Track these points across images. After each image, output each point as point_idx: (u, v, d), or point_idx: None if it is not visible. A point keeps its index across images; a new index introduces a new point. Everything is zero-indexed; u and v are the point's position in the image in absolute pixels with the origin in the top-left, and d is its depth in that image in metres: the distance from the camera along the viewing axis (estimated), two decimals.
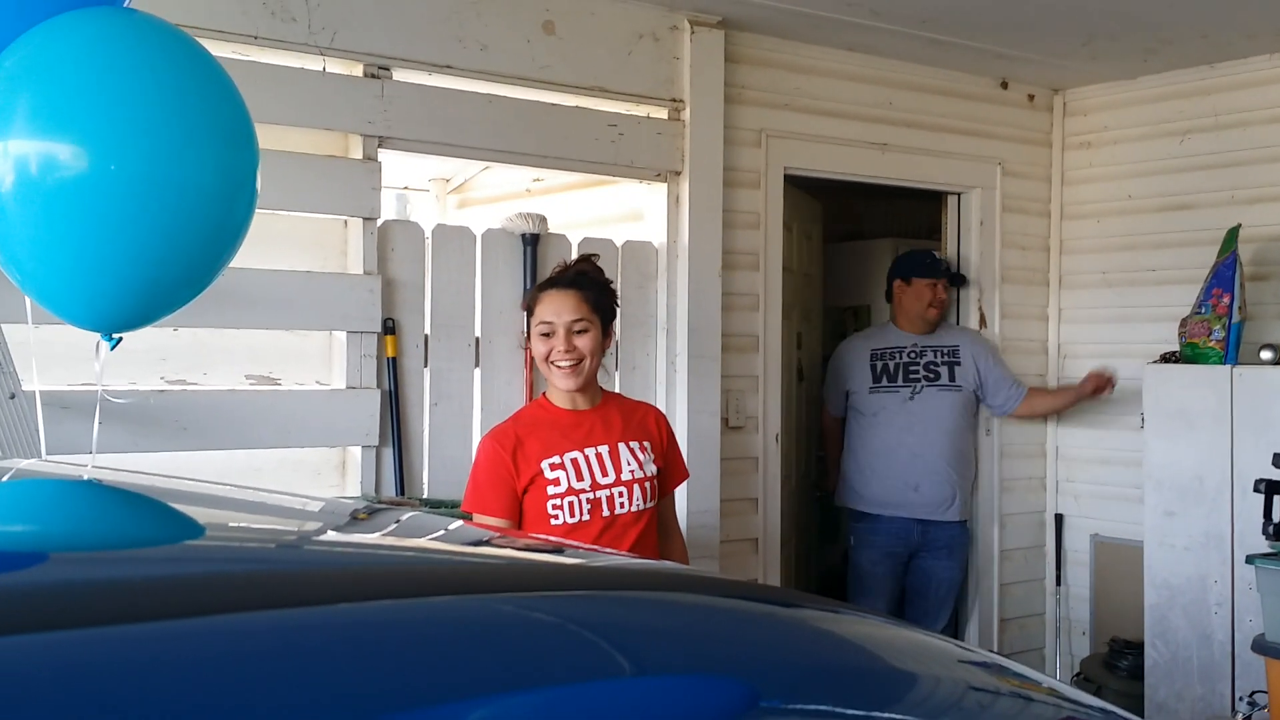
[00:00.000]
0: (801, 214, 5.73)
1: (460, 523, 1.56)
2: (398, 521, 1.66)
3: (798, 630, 1.32)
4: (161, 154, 2.16)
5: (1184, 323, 5.19)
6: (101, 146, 2.12)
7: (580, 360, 3.41)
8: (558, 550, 1.71)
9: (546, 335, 3.42)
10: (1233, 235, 5.13)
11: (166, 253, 2.22)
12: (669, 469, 3.63)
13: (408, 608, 1.02)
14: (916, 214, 6.95)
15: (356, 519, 1.60)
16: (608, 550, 3.01)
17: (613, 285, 3.64)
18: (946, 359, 5.43)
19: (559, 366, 3.42)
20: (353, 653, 0.90)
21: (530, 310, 3.51)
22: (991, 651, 1.70)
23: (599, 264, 3.66)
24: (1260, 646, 4.28)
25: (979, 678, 1.45)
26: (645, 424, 3.58)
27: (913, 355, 5.41)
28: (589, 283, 3.51)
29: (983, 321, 5.83)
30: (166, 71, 2.22)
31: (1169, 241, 5.64)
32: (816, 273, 6.26)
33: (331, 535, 1.46)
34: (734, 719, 1.04)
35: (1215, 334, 5.07)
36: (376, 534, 1.50)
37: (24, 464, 2.33)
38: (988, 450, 5.79)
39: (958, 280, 5.70)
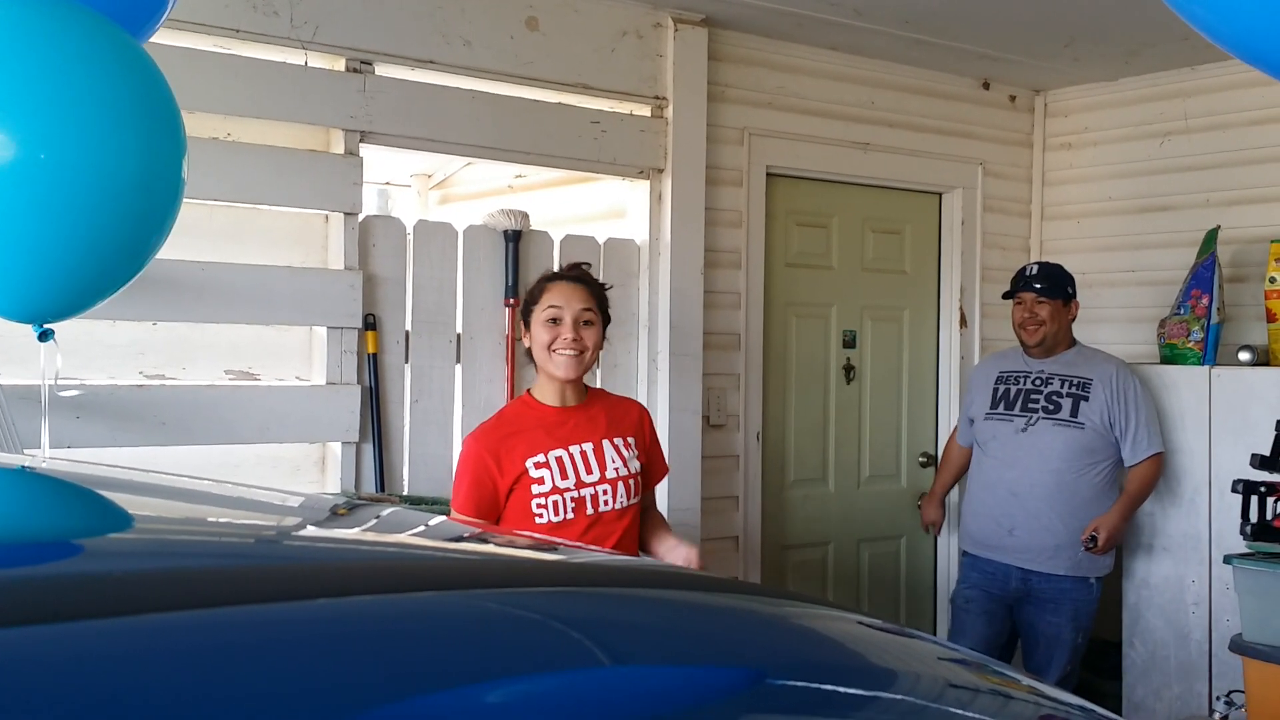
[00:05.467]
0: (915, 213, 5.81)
1: (440, 519, 1.55)
2: (377, 517, 1.65)
3: (767, 626, 1.32)
4: (87, 142, 2.15)
5: (1163, 324, 5.21)
6: (30, 134, 2.11)
7: (583, 351, 3.40)
8: (542, 547, 1.71)
9: (553, 321, 3.38)
10: (1212, 237, 5.15)
11: (93, 241, 2.21)
12: (651, 465, 3.62)
13: (398, 603, 1.02)
14: None
15: (336, 514, 1.60)
16: (585, 546, 3.00)
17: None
18: (1074, 391, 4.73)
19: (561, 354, 3.37)
20: (327, 649, 0.90)
21: (534, 300, 3.46)
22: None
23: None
24: (1238, 646, 4.29)
25: (957, 675, 1.45)
26: (629, 420, 3.56)
27: (1037, 383, 4.80)
28: (594, 283, 3.53)
29: (963, 321, 5.84)
30: (91, 59, 2.21)
31: (1148, 243, 5.67)
32: (930, 272, 5.93)
33: (311, 530, 1.45)
34: (699, 714, 1.04)
35: (1194, 335, 5.09)
36: (356, 529, 1.49)
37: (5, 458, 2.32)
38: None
39: (1056, 290, 4.77)
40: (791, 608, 1.43)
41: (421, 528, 1.51)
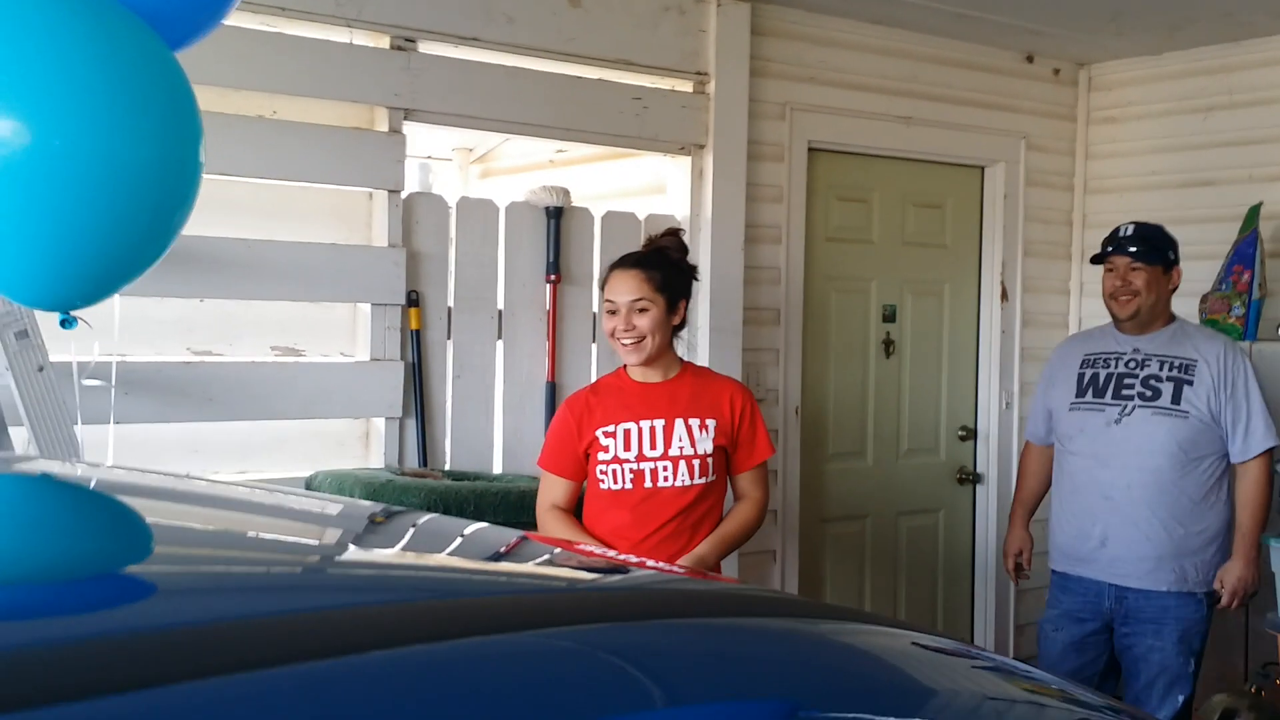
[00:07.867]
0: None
1: (479, 526, 1.57)
2: (413, 525, 1.66)
3: (796, 641, 1.33)
4: (103, 128, 2.16)
5: (1204, 299, 5.20)
6: (44, 121, 2.12)
7: (641, 338, 3.55)
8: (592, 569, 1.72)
9: (612, 313, 3.59)
10: (1254, 212, 5.14)
11: (110, 228, 2.22)
12: (744, 447, 3.69)
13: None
14: None
15: (374, 522, 1.60)
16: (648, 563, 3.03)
17: (689, 262, 3.74)
18: (1175, 374, 4.05)
19: (622, 344, 3.58)
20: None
21: (603, 287, 3.67)
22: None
23: (683, 240, 3.78)
24: (1274, 624, 4.31)
25: (987, 682, 1.47)
26: (717, 402, 3.66)
27: (1132, 365, 4.12)
28: (658, 261, 3.63)
29: (1004, 295, 5.83)
30: (105, 44, 2.22)
31: (1191, 218, 5.62)
32: (971, 246, 5.89)
33: (351, 554, 1.44)
34: None
35: (1235, 310, 5.08)
36: (394, 549, 1.49)
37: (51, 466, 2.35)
38: None
39: (1155, 254, 4.13)
40: (837, 627, 1.43)
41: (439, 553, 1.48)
